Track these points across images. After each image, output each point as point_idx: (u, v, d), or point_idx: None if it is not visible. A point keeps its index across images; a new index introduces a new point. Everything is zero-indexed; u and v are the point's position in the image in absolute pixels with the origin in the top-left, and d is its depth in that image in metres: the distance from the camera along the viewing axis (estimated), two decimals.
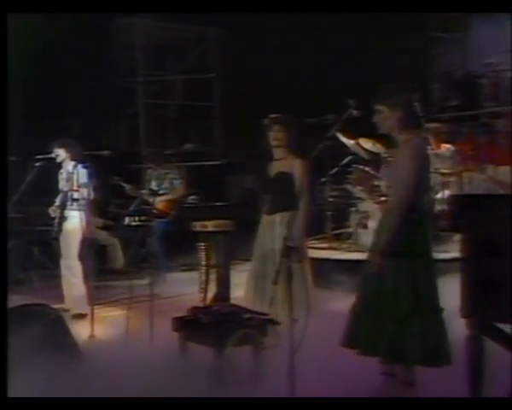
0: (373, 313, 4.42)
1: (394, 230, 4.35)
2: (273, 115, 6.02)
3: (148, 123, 12.37)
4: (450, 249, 7.18)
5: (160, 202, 9.20)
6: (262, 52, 11.34)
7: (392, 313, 4.36)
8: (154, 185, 9.40)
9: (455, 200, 8.56)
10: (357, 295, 4.57)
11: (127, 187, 9.37)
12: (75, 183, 7.18)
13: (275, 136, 5.94)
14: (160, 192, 9.21)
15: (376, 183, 8.44)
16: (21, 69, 9.92)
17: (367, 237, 8.20)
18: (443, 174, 8.56)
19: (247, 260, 6.63)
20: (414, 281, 4.36)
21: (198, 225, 6.88)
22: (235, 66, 11.84)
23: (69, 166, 7.34)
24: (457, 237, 6.67)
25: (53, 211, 7.46)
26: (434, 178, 7.94)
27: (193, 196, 9.88)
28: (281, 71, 11.30)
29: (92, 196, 7.23)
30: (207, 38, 12.55)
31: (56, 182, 7.56)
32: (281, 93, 10.88)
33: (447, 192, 8.48)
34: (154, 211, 8.45)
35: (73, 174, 7.20)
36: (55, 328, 5.18)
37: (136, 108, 12.45)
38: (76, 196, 7.14)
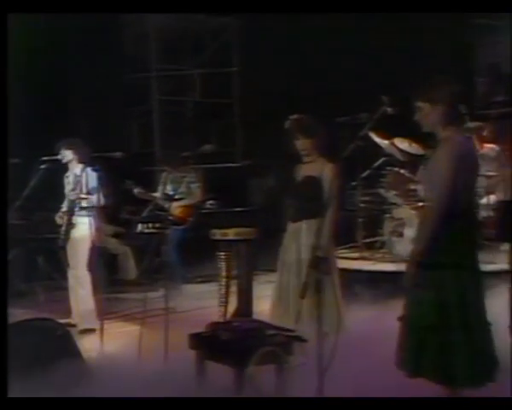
0: (415, 330, 4.37)
1: (428, 237, 4.30)
2: (295, 117, 5.99)
3: (162, 122, 12.43)
4: (497, 260, 7.10)
5: (176, 208, 9.23)
6: (288, 45, 11.33)
7: (436, 329, 4.31)
8: (169, 189, 9.43)
9: (502, 206, 8.50)
10: (403, 310, 4.53)
11: (136, 190, 9.40)
12: (83, 187, 7.22)
13: (300, 143, 5.92)
14: (176, 197, 9.23)
15: (413, 187, 8.38)
16: (26, 66, 10.03)
17: (402, 247, 8.17)
18: (487, 177, 8.48)
19: (271, 270, 6.61)
20: (461, 294, 4.31)
21: (217, 233, 6.86)
22: (258, 59, 11.85)
23: (77, 168, 7.38)
24: (505, 247, 6.64)
25: (59, 217, 7.51)
26: (479, 182, 7.86)
27: (211, 201, 9.89)
28: (308, 66, 11.29)
29: (102, 201, 7.26)
30: (228, 29, 12.56)
31: (63, 186, 7.60)
32: (308, 90, 10.87)
33: (493, 197, 8.40)
34: (170, 217, 8.48)
35: (82, 178, 7.25)
36: (61, 345, 5.20)
37: (149, 106, 12.52)
38: (84, 201, 7.18)
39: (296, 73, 11.39)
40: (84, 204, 7.19)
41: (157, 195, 9.50)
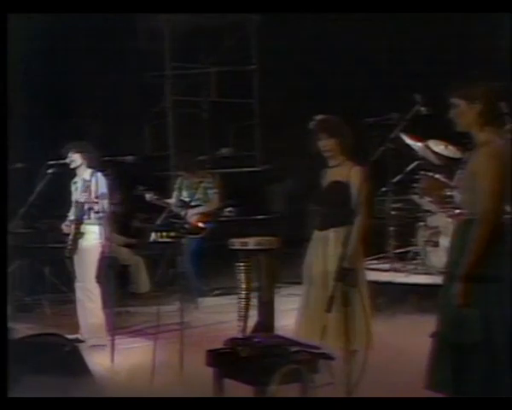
0: (455, 349, 4.32)
1: (480, 250, 4.24)
2: (320, 117, 5.97)
3: (177, 123, 12.46)
4: None
5: (192, 216, 9.23)
6: (311, 40, 11.31)
7: (480, 347, 4.25)
8: (185, 196, 9.44)
9: None
10: (436, 326, 4.48)
11: (149, 196, 9.42)
12: (93, 193, 7.24)
13: (324, 143, 5.90)
14: (193, 204, 9.24)
15: (449, 192, 8.33)
16: (32, 66, 10.12)
17: (437, 257, 8.12)
18: None
19: (294, 282, 6.60)
20: (504, 308, 4.26)
21: (236, 243, 6.87)
22: (279, 56, 11.85)
23: (86, 173, 7.40)
24: None
25: (66, 226, 7.53)
26: None
27: (230, 209, 9.88)
28: (334, 62, 11.26)
29: (112, 208, 7.28)
30: (247, 23, 12.58)
31: (70, 192, 7.62)
32: (334, 88, 10.85)
33: None
34: (186, 226, 8.48)
35: (91, 183, 7.26)
36: (69, 362, 5.21)
37: (163, 107, 12.55)
38: (94, 208, 7.20)
39: (321, 70, 11.37)
40: (92, 212, 7.19)
41: (172, 201, 9.51)
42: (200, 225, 9.25)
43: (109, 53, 11.21)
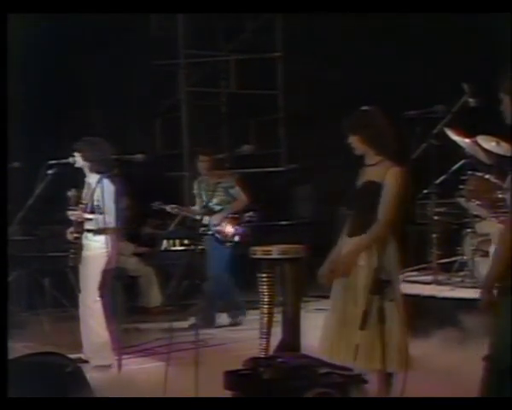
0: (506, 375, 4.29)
1: None
2: (355, 111, 5.95)
3: (191, 118, 12.50)
4: None
5: (219, 221, 9.20)
6: (343, 25, 11.28)
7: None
8: (206, 200, 9.42)
9: None
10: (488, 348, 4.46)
11: (169, 207, 9.44)
12: (95, 202, 7.25)
13: (350, 140, 5.88)
14: (218, 208, 9.26)
15: (501, 195, 8.30)
16: (33, 58, 10.22)
17: (487, 269, 8.06)
18: None
19: (323, 296, 6.59)
20: None
21: (258, 251, 6.87)
22: (307, 42, 11.86)
23: (92, 177, 7.42)
24: None
25: (70, 233, 7.56)
26: None
27: (251, 213, 9.87)
28: (369, 50, 11.24)
29: (120, 213, 7.29)
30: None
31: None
32: (369, 78, 10.82)
33: None
34: (216, 234, 8.61)
35: (95, 190, 7.28)
36: (70, 383, 5.23)
37: (176, 99, 12.60)
38: (89, 221, 7.22)
39: (354, 58, 11.35)
40: (88, 226, 7.21)
41: (196, 209, 9.48)
42: (232, 230, 9.23)
43: (115, 39, 11.26)
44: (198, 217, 9.29)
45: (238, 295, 9.19)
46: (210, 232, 9.05)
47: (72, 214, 7.26)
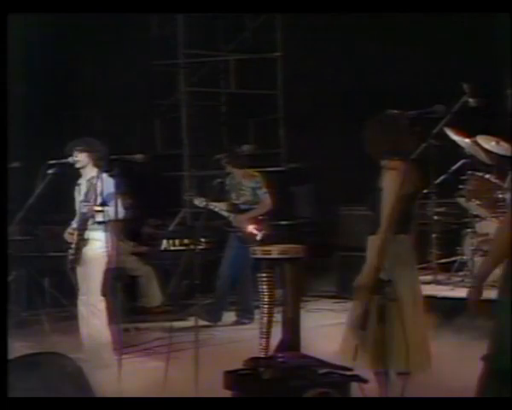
0: (505, 376, 4.29)
1: None
2: (379, 115, 5.92)
3: (191, 118, 12.49)
4: None
5: (243, 221, 9.19)
6: (343, 25, 11.28)
7: None
8: (234, 198, 9.42)
9: None
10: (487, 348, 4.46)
11: (198, 201, 9.41)
12: (98, 197, 7.26)
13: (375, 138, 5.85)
14: (244, 207, 9.28)
15: (501, 195, 8.30)
16: (34, 58, 10.22)
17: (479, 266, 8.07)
18: None
19: (323, 296, 6.60)
20: None
21: (258, 251, 6.88)
22: (308, 42, 11.85)
23: (91, 174, 7.43)
24: None
25: (69, 233, 7.56)
26: None
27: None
28: (367, 50, 11.23)
29: (120, 213, 7.30)
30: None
31: (73, 195, 7.66)
32: (369, 78, 10.82)
33: None
34: (239, 234, 8.66)
35: (96, 185, 7.29)
36: (71, 384, 5.22)
37: (176, 99, 12.59)
38: (99, 214, 7.22)
39: (354, 58, 11.35)
40: (98, 218, 7.21)
41: (223, 206, 9.46)
42: (255, 232, 9.22)
43: (115, 39, 11.26)
44: (225, 214, 9.30)
45: (251, 297, 9.15)
46: (233, 230, 9.09)
47: (86, 206, 7.27)
